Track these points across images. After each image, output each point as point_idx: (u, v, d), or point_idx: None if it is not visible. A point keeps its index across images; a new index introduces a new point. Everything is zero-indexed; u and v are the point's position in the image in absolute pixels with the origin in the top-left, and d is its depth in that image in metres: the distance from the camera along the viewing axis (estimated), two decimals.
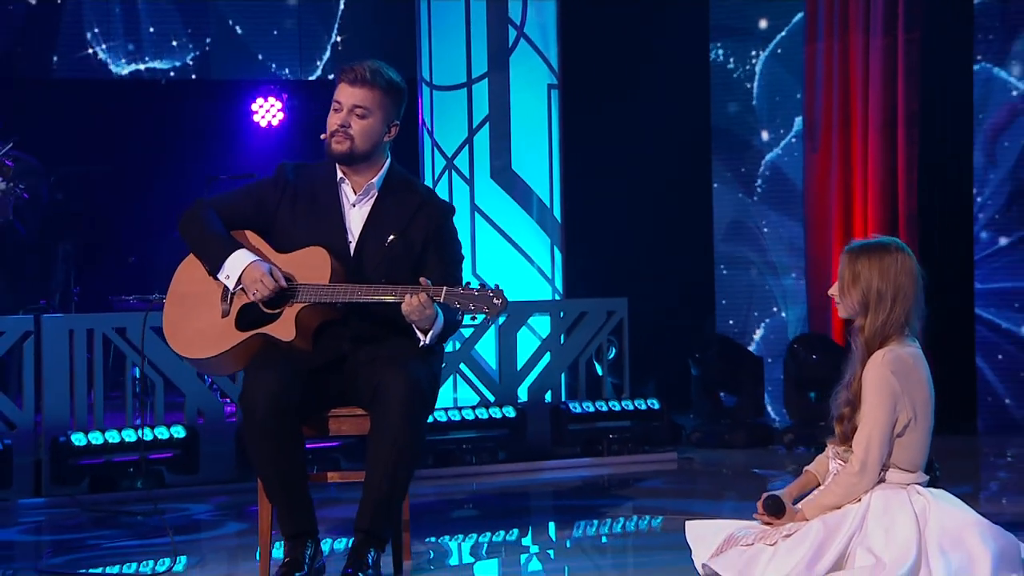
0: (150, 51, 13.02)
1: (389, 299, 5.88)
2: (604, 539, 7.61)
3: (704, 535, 5.69)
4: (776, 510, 5.66)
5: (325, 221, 6.21)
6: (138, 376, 9.09)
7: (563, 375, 9.91)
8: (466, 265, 6.50)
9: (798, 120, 11.79)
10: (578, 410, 9.74)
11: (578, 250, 11.20)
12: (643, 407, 9.92)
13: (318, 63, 13.48)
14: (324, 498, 8.05)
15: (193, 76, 13.19)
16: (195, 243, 6.24)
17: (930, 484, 5.51)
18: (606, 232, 11.67)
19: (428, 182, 11.12)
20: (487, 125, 10.96)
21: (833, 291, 5.64)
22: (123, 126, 12.48)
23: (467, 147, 10.96)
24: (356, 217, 6.23)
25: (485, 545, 7.43)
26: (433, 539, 7.31)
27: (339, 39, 13.42)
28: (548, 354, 9.85)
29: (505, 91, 10.96)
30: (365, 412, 6.08)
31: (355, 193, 6.24)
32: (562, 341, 9.82)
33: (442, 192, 11.02)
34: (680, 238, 12.13)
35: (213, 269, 6.14)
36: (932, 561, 5.29)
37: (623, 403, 9.89)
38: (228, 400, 9.25)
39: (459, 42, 10.99)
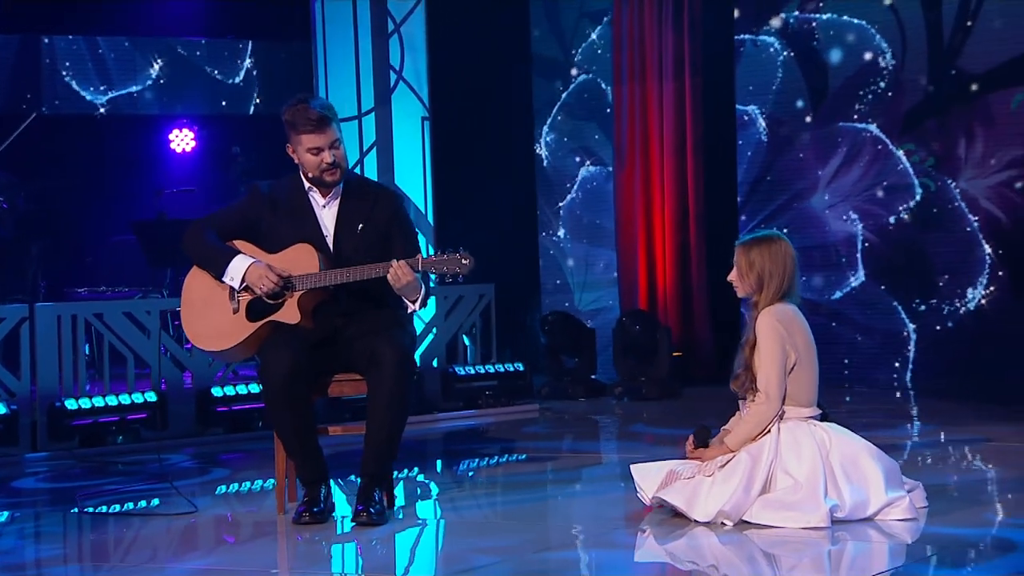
0: (99, 90, 12.54)
1: (375, 275, 5.66)
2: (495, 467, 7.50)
3: (648, 473, 5.59)
4: (704, 438, 5.56)
5: (303, 223, 5.92)
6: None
7: (446, 345, 9.74)
8: None
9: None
10: (462, 372, 9.57)
11: (448, 247, 10.93)
12: (511, 369, 9.77)
13: (223, 102, 13.05)
14: None
15: (126, 112, 12.69)
16: (199, 256, 5.95)
17: (822, 418, 5.47)
18: (470, 232, 11.42)
19: None
20: (374, 150, 10.74)
21: (732, 277, 5.57)
22: (75, 151, 11.99)
23: (359, 167, 10.71)
24: (328, 216, 5.94)
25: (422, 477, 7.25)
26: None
27: (239, 81, 13.01)
28: (435, 328, 9.65)
29: (388, 122, 10.76)
30: (361, 377, 5.82)
31: (323, 197, 5.95)
32: (444, 319, 9.68)
33: None
34: (528, 237, 12.14)
35: (219, 274, 5.84)
36: (839, 481, 5.26)
37: (496, 366, 9.71)
38: (187, 371, 8.91)
39: (350, 82, 10.75)
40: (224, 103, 12.89)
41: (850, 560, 4.92)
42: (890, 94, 10.53)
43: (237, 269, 5.80)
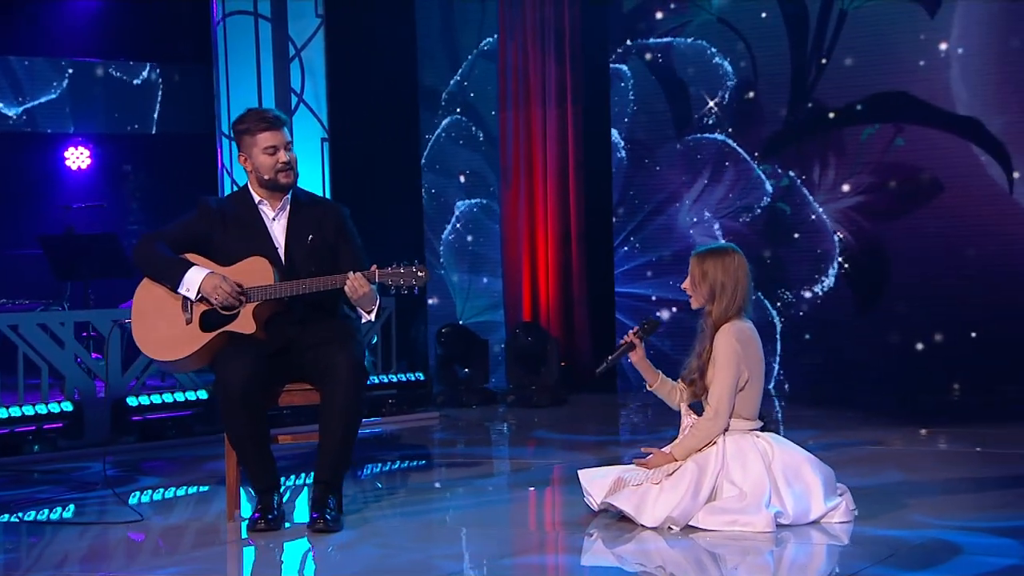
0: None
1: (332, 287, 5.44)
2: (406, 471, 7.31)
3: (595, 479, 5.41)
4: (651, 330, 5.51)
5: (254, 236, 5.65)
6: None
7: None
8: None
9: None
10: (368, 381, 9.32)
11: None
12: (413, 379, 9.55)
13: (122, 121, 12.56)
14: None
15: (27, 130, 12.19)
16: (152, 268, 5.61)
17: (762, 429, 5.38)
18: (368, 247, 11.30)
19: None
20: None
21: (685, 285, 5.42)
22: None
23: None
24: (278, 229, 5.69)
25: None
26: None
27: (137, 101, 12.57)
28: None
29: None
30: (312, 387, 5.57)
31: (273, 210, 5.70)
32: None
33: None
34: (416, 254, 11.79)
35: (174, 285, 5.52)
36: (782, 490, 5.14)
37: (398, 376, 9.49)
38: (99, 378, 8.53)
39: (252, 104, 10.41)
40: (122, 122, 12.45)
41: (808, 561, 4.83)
42: (751, 122, 10.60)
43: (193, 280, 5.51)
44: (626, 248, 11.18)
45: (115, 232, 9.93)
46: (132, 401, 8.42)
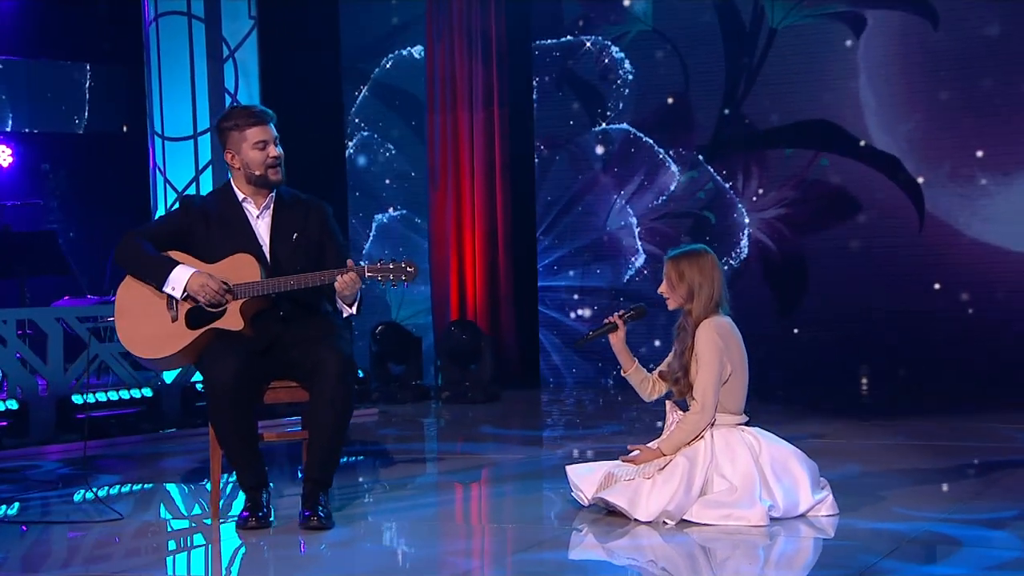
0: None
1: (319, 283, 5.23)
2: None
3: (584, 475, 5.26)
4: (638, 314, 5.42)
5: (238, 234, 5.41)
6: None
7: None
8: None
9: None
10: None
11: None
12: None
13: (47, 120, 12.10)
14: None
15: None
16: (136, 266, 5.34)
17: (747, 424, 5.29)
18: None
19: (160, 212, 10.28)
20: (211, 167, 10.17)
21: (663, 289, 5.32)
22: None
23: (195, 184, 10.15)
24: (262, 227, 5.45)
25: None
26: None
27: (64, 100, 12.12)
28: None
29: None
30: (297, 384, 5.35)
31: (257, 208, 5.47)
32: None
33: None
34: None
35: (160, 283, 5.27)
36: (771, 483, 5.05)
37: None
38: (40, 377, 8.19)
39: (186, 103, 10.16)
40: (47, 122, 12.01)
41: (816, 556, 4.69)
42: (683, 130, 10.60)
43: (179, 279, 5.25)
44: (546, 242, 11.11)
45: (53, 230, 9.56)
46: (77, 399, 8.12)
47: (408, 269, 5.30)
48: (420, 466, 7.02)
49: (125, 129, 11.57)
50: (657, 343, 10.01)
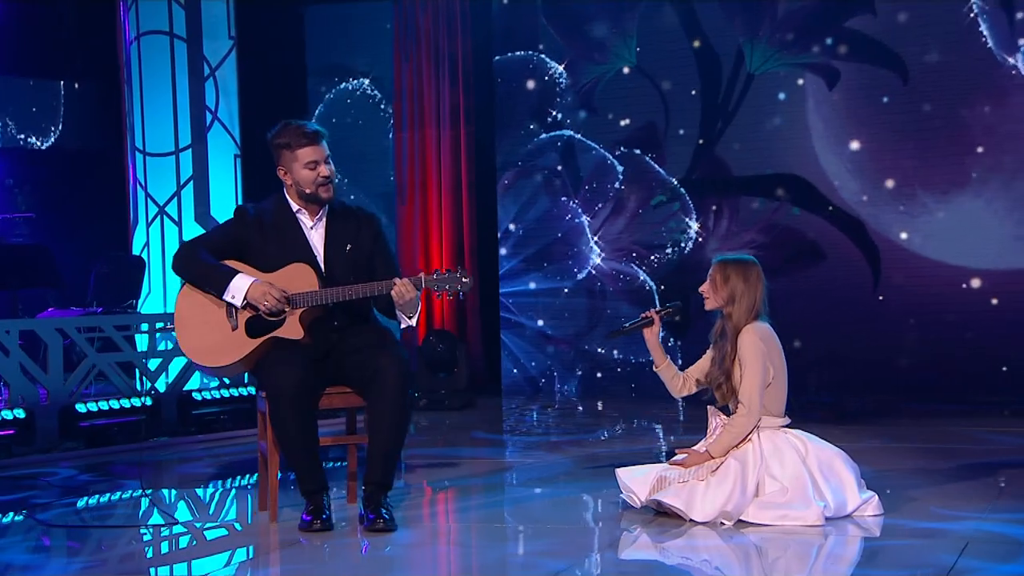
0: None
1: (376, 293, 5.18)
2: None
3: (636, 477, 5.23)
4: (676, 312, 5.50)
5: (293, 244, 5.34)
6: None
7: None
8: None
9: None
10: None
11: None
12: None
13: (17, 135, 11.78)
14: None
15: None
16: (197, 275, 5.27)
17: (789, 427, 5.29)
18: None
19: (142, 225, 10.10)
20: (191, 183, 10.02)
21: (704, 288, 5.30)
22: None
23: (176, 199, 9.99)
24: (316, 238, 5.38)
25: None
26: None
27: (35, 117, 11.82)
28: None
29: (205, 158, 10.05)
30: (352, 390, 5.28)
31: (311, 219, 5.40)
32: None
33: (155, 231, 10.04)
34: None
35: (220, 292, 5.19)
36: (820, 483, 5.08)
37: None
38: (41, 386, 7.98)
39: (167, 120, 10.01)
40: (18, 137, 11.70)
41: (896, 555, 4.59)
42: (655, 162, 10.68)
43: (239, 287, 5.18)
44: (505, 250, 11.12)
45: (46, 244, 9.32)
46: (81, 407, 7.94)
47: (463, 279, 5.26)
48: (440, 471, 6.92)
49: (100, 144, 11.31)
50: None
